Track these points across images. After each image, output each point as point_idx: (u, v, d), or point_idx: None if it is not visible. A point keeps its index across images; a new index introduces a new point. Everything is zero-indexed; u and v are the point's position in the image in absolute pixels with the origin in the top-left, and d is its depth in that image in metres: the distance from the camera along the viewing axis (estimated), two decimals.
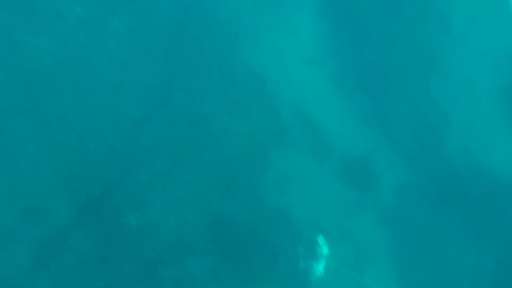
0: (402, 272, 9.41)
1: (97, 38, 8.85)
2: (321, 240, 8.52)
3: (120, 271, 7.50)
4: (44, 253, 7.42)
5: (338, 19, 10.31)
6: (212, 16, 9.97)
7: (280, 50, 10.14)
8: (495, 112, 10.32)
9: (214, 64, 9.17)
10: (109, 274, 7.44)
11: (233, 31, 9.92)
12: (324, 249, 8.51)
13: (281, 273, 8.39)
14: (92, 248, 7.56)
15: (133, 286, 7.42)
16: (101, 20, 8.95)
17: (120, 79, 8.68)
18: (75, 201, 7.86)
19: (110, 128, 8.34)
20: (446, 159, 10.09)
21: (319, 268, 8.52)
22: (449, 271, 9.45)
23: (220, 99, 8.75)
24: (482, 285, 9.31)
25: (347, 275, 8.90)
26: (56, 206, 7.70)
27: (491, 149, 10.05)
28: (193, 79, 8.94)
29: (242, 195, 8.53)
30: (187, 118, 8.54)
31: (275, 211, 8.89)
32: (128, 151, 8.35)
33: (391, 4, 10.37)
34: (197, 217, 8.23)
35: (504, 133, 10.15)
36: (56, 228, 7.58)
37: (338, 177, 9.77)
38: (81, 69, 8.54)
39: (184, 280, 7.66)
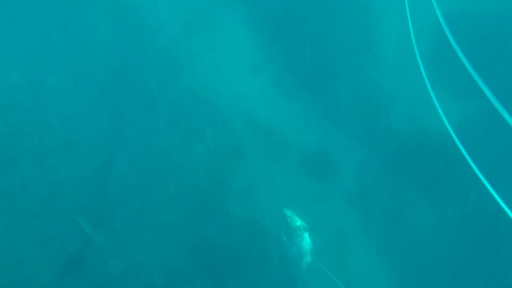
0: (379, 245, 10.09)
1: (38, 99, 8.93)
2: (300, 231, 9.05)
3: None
4: None
5: (267, 27, 10.71)
6: (148, 48, 10.17)
7: (219, 66, 10.49)
8: (423, 79, 11.04)
9: (160, 97, 9.43)
10: None
11: (171, 58, 10.18)
12: (306, 240, 9.07)
13: (268, 277, 8.91)
14: None
15: None
16: (38, 80, 9.01)
17: (71, 134, 8.83)
18: (57, 263, 8.05)
19: (73, 184, 8.51)
20: (393, 131, 10.76)
21: (306, 257, 9.07)
22: (417, 232, 10.18)
23: (174, 130, 9.04)
24: (447, 238, 10.09)
25: (329, 258, 9.48)
26: (40, 274, 7.89)
27: (427, 113, 10.78)
28: (143, 116, 9.18)
29: (215, 216, 8.93)
30: (145, 156, 8.81)
31: (249, 221, 9.36)
32: (97, 201, 8.56)
33: (312, 3, 10.86)
34: (178, 247, 8.58)
35: (436, 96, 10.88)
36: None
37: (301, 173, 10.31)
38: (31, 134, 8.63)
39: None
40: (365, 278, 9.54)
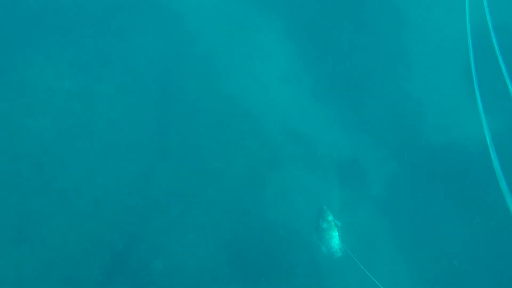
0: (406, 252, 10.43)
1: (89, 105, 9.48)
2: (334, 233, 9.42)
3: None
4: None
5: (304, 37, 11.04)
6: (190, 57, 10.63)
7: (258, 75, 10.88)
8: (460, 92, 11.23)
9: (201, 105, 9.89)
10: None
11: (211, 66, 10.62)
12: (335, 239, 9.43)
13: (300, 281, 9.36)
14: None
15: None
16: (89, 87, 9.56)
17: (119, 139, 9.36)
18: (105, 261, 8.64)
19: (120, 187, 9.06)
20: (425, 143, 11.01)
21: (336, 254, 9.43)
22: (443, 241, 10.47)
23: (214, 139, 9.50)
24: (472, 247, 10.33)
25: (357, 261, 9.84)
26: (89, 270, 8.48)
27: (461, 126, 10.99)
28: (186, 124, 9.65)
29: (251, 221, 9.39)
30: (187, 163, 9.29)
31: (283, 225, 9.80)
32: (142, 204, 9.10)
33: (348, 15, 11.11)
34: (216, 250, 9.08)
35: (471, 109, 11.07)
36: None
37: (333, 181, 10.69)
38: (81, 138, 9.19)
39: None
40: (390, 280, 9.90)
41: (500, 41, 6.71)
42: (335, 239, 9.39)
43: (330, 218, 9.50)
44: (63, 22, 10.09)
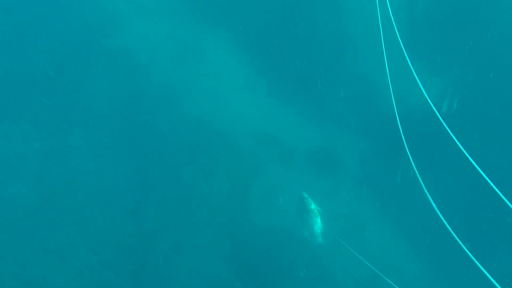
0: (390, 227, 11.12)
1: (63, 161, 9.67)
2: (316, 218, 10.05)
3: None
4: None
5: (253, 44, 11.50)
6: (148, 87, 10.91)
7: (216, 90, 11.28)
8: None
9: (171, 134, 10.21)
10: None
11: (170, 92, 10.96)
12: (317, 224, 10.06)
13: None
14: None
15: None
16: (58, 143, 9.74)
17: (101, 187, 9.61)
18: None
19: (114, 231, 9.34)
20: (384, 118, 11.67)
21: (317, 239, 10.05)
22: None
23: (192, 163, 9.90)
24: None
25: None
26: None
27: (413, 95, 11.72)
28: (162, 156, 9.99)
29: (245, 230, 9.88)
30: (173, 192, 9.66)
31: (273, 224, 10.34)
32: (138, 242, 9.43)
33: (287, 14, 11.63)
34: (220, 266, 9.53)
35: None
36: None
37: (309, 172, 11.27)
38: (65, 194, 9.39)
39: None
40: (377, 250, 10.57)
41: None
42: (318, 224, 10.01)
43: (312, 206, 10.10)
44: (15, 85, 10.17)
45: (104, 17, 11.47)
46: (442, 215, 9.60)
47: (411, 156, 11.20)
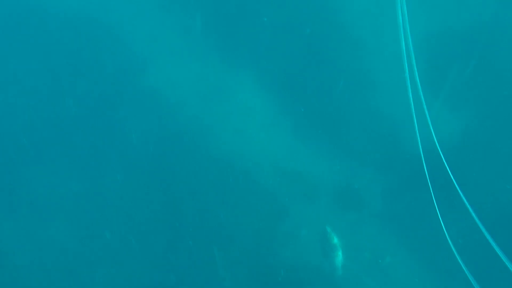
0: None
1: (99, 202, 10.18)
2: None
3: None
4: None
5: (277, 85, 11.95)
6: (175, 128, 11.40)
7: (242, 128, 11.70)
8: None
9: (200, 175, 10.69)
10: None
11: (198, 132, 11.43)
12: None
13: None
14: None
15: None
16: (94, 184, 10.24)
17: (137, 228, 10.12)
18: None
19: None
20: (404, 152, 11.94)
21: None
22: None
23: (219, 205, 10.37)
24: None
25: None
26: None
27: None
28: (191, 199, 10.46)
29: (274, 264, 10.29)
30: (201, 237, 10.13)
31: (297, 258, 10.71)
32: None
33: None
34: None
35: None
36: None
37: (333, 207, 11.59)
38: (102, 234, 9.90)
39: None
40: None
41: None
42: (339, 257, 10.47)
43: (335, 240, 10.51)
44: (51, 128, 10.77)
45: (132, 58, 12.00)
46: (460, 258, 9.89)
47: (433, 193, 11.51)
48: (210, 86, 11.78)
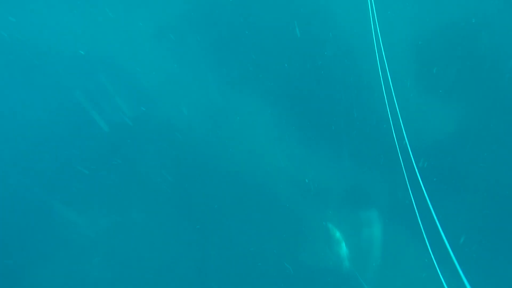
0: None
1: (122, 241, 10.88)
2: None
3: None
4: None
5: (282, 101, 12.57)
6: (189, 148, 12.00)
7: (250, 145, 12.32)
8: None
9: (225, 201, 11.42)
10: None
11: (211, 154, 12.04)
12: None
13: None
14: None
15: None
16: (117, 224, 10.88)
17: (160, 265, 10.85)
18: None
19: None
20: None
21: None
22: None
23: (241, 213, 11.15)
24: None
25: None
26: None
27: None
28: (219, 220, 11.19)
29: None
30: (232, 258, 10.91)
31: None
32: None
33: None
34: None
35: None
36: None
37: (340, 205, 12.34)
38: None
39: None
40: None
41: None
42: (343, 249, 11.40)
43: (338, 234, 11.31)
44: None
45: (144, 86, 12.46)
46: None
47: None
48: (218, 106, 12.30)
